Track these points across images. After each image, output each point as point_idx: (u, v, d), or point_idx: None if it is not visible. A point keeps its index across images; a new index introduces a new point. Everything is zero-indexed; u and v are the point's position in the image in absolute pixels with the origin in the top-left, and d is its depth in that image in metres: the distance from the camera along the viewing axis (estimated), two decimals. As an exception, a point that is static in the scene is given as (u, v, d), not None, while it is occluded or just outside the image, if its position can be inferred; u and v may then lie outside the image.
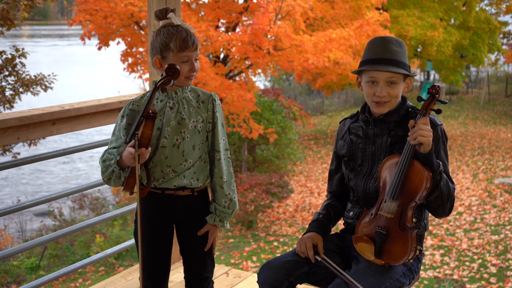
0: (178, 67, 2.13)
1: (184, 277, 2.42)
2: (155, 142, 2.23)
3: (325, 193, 2.56)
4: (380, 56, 2.16)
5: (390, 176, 2.13)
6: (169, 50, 2.19)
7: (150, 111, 2.08)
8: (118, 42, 10.30)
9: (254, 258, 8.00)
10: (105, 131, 18.17)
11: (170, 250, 2.39)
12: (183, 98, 2.26)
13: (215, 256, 2.46)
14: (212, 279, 2.45)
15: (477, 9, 16.97)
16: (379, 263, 2.14)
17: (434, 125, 2.13)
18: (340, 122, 2.43)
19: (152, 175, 2.25)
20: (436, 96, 2.06)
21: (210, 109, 2.27)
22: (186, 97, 2.26)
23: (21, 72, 8.79)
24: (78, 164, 15.91)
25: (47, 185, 13.86)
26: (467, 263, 7.07)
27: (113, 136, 2.29)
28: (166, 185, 2.26)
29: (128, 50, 10.24)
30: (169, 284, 2.48)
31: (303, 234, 2.33)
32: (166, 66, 2.14)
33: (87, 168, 15.50)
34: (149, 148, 2.12)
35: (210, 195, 2.40)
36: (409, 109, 2.25)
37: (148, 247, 2.31)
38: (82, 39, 10.00)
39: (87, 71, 31.41)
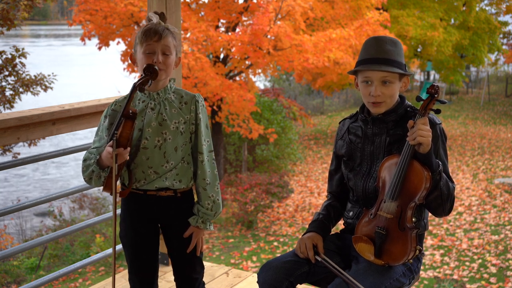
0: (156, 67, 2.12)
1: (174, 279, 2.41)
2: (137, 143, 2.21)
3: (325, 193, 2.55)
4: (374, 56, 2.16)
5: (390, 176, 2.13)
6: (136, 43, 2.21)
7: (130, 111, 2.08)
8: (118, 42, 10.30)
9: (254, 258, 8.01)
10: (79, 135, 17.77)
11: (156, 251, 2.37)
12: (165, 99, 2.24)
13: (214, 256, 2.45)
14: (204, 280, 2.43)
15: (477, 9, 16.97)
16: (379, 263, 2.14)
17: (432, 124, 2.13)
18: (339, 122, 2.43)
19: (133, 176, 2.24)
20: (435, 96, 2.06)
21: (193, 110, 2.25)
22: (169, 98, 2.25)
23: (21, 72, 8.79)
24: (52, 170, 15.46)
25: (22, 192, 13.30)
26: (467, 263, 7.07)
27: (96, 136, 2.28)
28: (147, 186, 2.25)
29: (128, 50, 10.24)
30: (167, 284, 2.47)
31: (303, 235, 2.33)
32: (144, 65, 2.15)
33: (61, 174, 15.07)
34: (128, 148, 2.10)
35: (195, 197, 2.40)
36: (408, 109, 2.25)
37: (132, 247, 2.31)
38: (82, 39, 10.00)
39: (86, 71, 31.32)
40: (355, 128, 2.33)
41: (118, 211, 3.42)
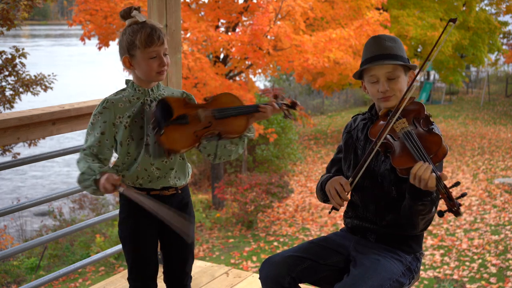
0: (298, 102, 2.24)
1: (163, 272, 2.43)
2: (139, 142, 2.22)
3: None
4: (375, 53, 2.19)
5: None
6: (135, 48, 2.17)
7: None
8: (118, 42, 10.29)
9: (254, 258, 8.01)
10: (40, 143, 17.25)
11: (157, 250, 2.39)
12: (158, 95, 2.27)
13: (214, 256, 2.47)
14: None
15: (477, 9, 16.97)
16: None
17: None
18: (352, 117, 2.44)
19: (135, 174, 2.24)
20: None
21: None
22: (161, 95, 2.27)
23: (21, 72, 8.79)
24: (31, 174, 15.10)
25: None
26: (467, 263, 7.08)
27: (89, 136, 2.24)
28: (152, 185, 2.27)
29: (128, 50, 10.23)
30: (164, 285, 2.48)
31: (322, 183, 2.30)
32: (271, 95, 2.24)
33: (35, 180, 14.72)
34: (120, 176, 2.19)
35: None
36: None
37: (134, 246, 2.32)
38: (82, 39, 10.00)
39: (81, 71, 31.16)
40: (363, 126, 2.34)
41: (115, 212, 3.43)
